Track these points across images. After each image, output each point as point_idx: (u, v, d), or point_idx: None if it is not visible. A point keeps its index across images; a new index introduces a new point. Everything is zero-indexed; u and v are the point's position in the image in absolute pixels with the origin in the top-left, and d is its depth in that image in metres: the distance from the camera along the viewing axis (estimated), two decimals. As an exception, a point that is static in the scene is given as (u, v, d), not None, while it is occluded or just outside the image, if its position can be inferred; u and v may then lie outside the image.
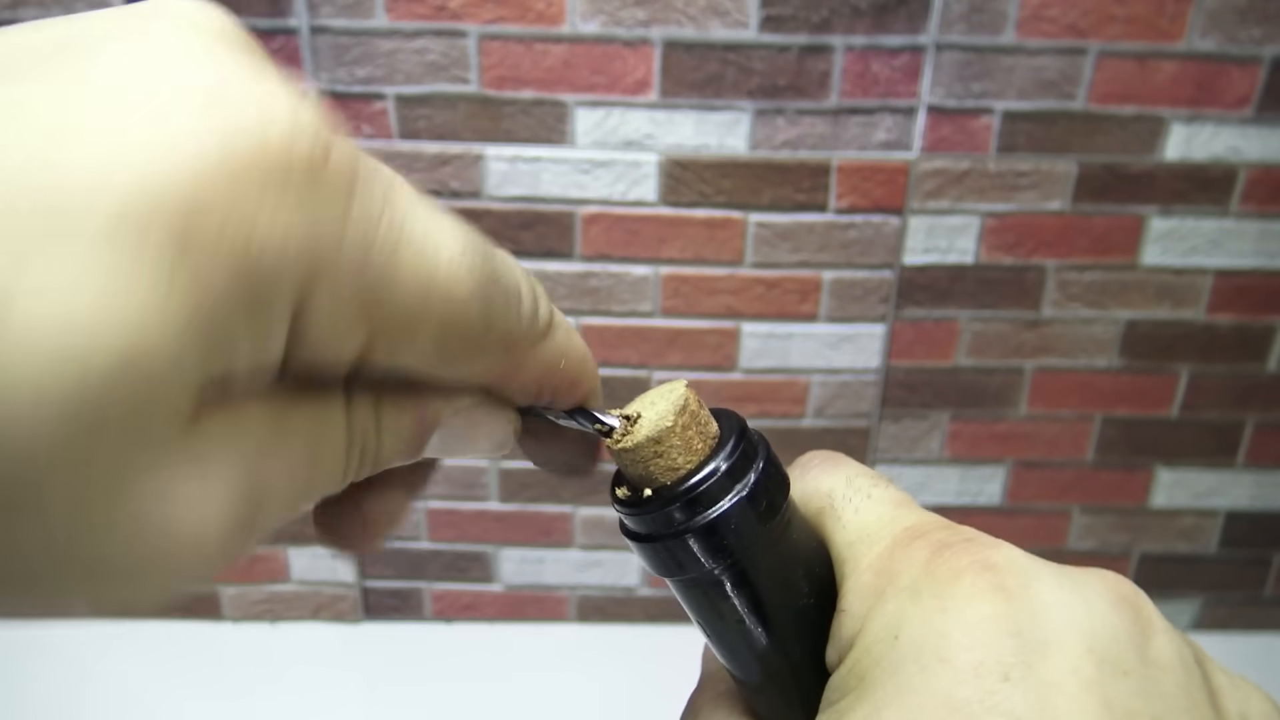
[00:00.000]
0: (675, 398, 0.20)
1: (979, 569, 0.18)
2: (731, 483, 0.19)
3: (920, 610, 0.17)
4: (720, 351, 0.71)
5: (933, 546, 0.19)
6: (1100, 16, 0.62)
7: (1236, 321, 0.71)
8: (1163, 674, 0.17)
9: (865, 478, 0.22)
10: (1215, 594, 0.81)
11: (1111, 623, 0.17)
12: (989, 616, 0.17)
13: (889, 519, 0.21)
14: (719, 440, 0.20)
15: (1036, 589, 0.17)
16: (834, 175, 0.66)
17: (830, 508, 0.21)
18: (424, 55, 0.63)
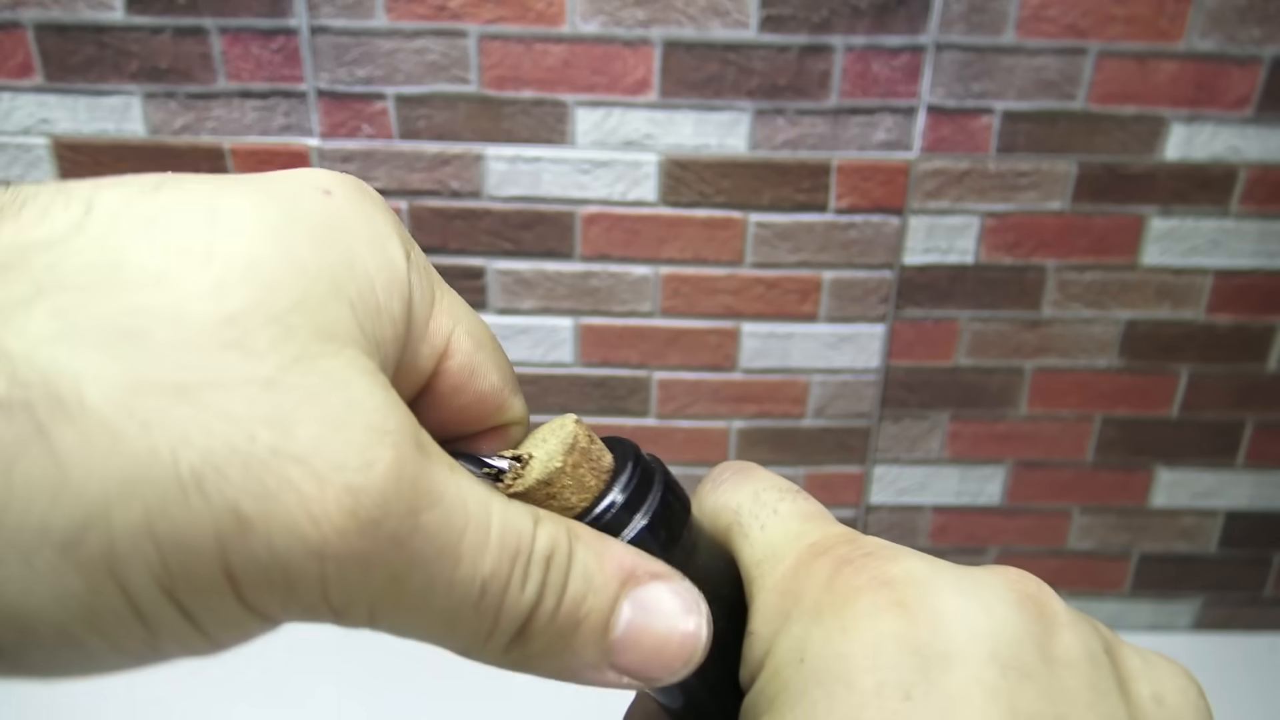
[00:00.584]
0: (564, 435, 0.19)
1: (877, 585, 0.18)
2: (629, 515, 0.19)
3: (823, 631, 0.17)
4: (720, 351, 0.71)
5: (833, 564, 0.19)
6: (1100, 16, 0.62)
7: (1236, 321, 0.71)
8: (1067, 671, 0.17)
9: (773, 491, 0.21)
10: (1215, 594, 0.81)
11: (1014, 624, 0.17)
12: (888, 635, 0.17)
13: (794, 535, 0.20)
14: (613, 473, 0.20)
15: (935, 601, 0.17)
16: (834, 175, 0.66)
17: (738, 524, 0.21)
18: (424, 55, 0.63)
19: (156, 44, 0.62)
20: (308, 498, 0.13)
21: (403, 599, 0.15)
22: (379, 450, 0.14)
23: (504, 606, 0.16)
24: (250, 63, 0.62)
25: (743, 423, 0.74)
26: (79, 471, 0.12)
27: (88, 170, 0.65)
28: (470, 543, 0.15)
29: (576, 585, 0.17)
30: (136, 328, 0.13)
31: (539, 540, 0.16)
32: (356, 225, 0.16)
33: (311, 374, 0.14)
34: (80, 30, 0.61)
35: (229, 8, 0.61)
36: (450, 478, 0.15)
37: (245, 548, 0.13)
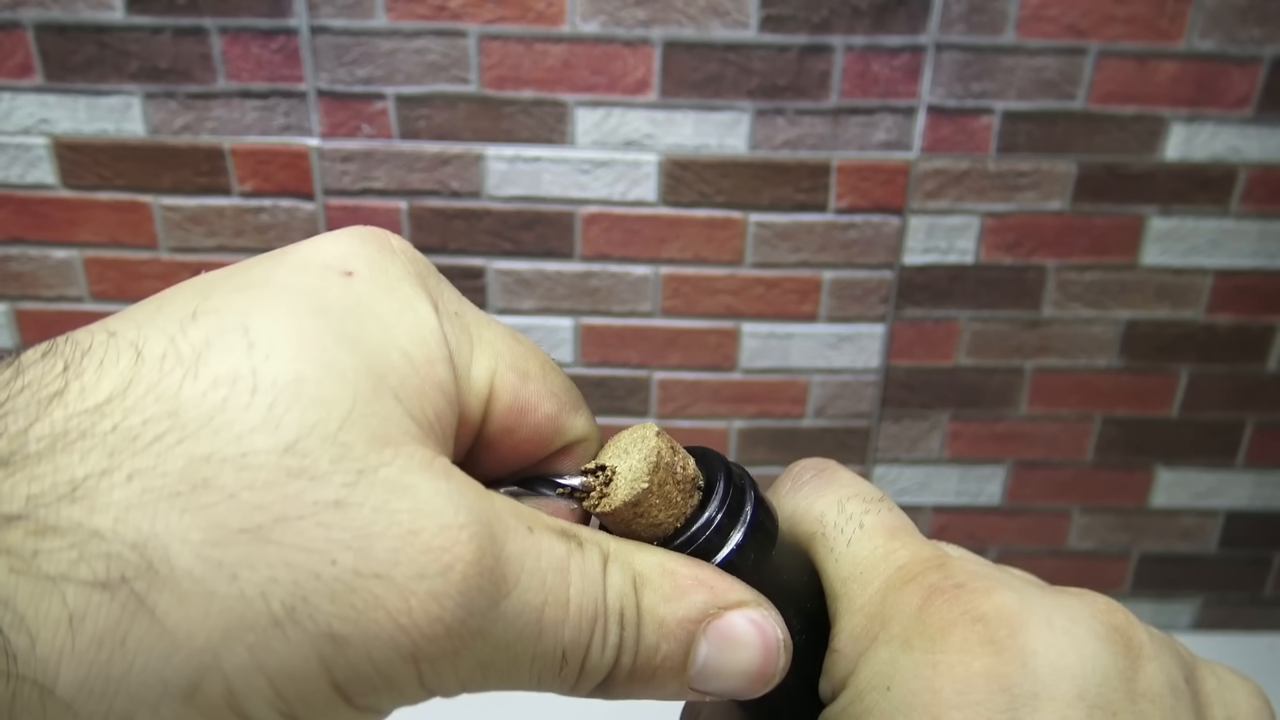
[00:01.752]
0: (647, 451, 0.19)
1: (969, 621, 0.18)
2: (723, 536, 0.19)
3: (912, 662, 0.18)
4: (720, 351, 0.71)
5: (924, 593, 0.19)
6: (1100, 16, 0.62)
7: (1236, 321, 0.71)
8: (1150, 705, 0.17)
9: (857, 501, 0.22)
10: (1215, 594, 0.81)
11: (1102, 661, 0.17)
12: (979, 673, 0.17)
13: (881, 555, 0.20)
14: (704, 488, 0.20)
15: (1025, 638, 0.18)
16: (834, 175, 0.66)
17: (822, 535, 0.21)
18: (424, 55, 0.63)
19: (156, 44, 0.62)
20: (395, 611, 0.14)
21: (490, 676, 0.16)
22: (456, 551, 0.15)
23: (586, 667, 0.17)
24: (250, 63, 0.62)
25: (743, 423, 0.74)
26: (183, 630, 0.13)
27: (88, 170, 0.65)
28: (550, 618, 0.16)
29: (649, 638, 0.17)
30: (206, 478, 0.13)
31: (610, 600, 0.17)
32: (382, 303, 0.16)
33: (376, 487, 0.14)
34: (80, 30, 0.61)
35: (229, 8, 0.61)
36: (527, 547, 0.16)
37: (347, 664, 0.14)
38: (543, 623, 0.16)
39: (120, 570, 0.13)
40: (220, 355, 0.14)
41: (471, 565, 0.15)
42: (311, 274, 0.16)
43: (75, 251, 0.68)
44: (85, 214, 0.66)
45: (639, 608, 0.17)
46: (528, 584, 0.15)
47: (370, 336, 0.16)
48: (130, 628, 0.13)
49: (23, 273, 0.68)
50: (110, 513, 0.13)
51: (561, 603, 0.16)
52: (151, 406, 0.14)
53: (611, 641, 0.17)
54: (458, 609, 0.14)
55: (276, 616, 0.13)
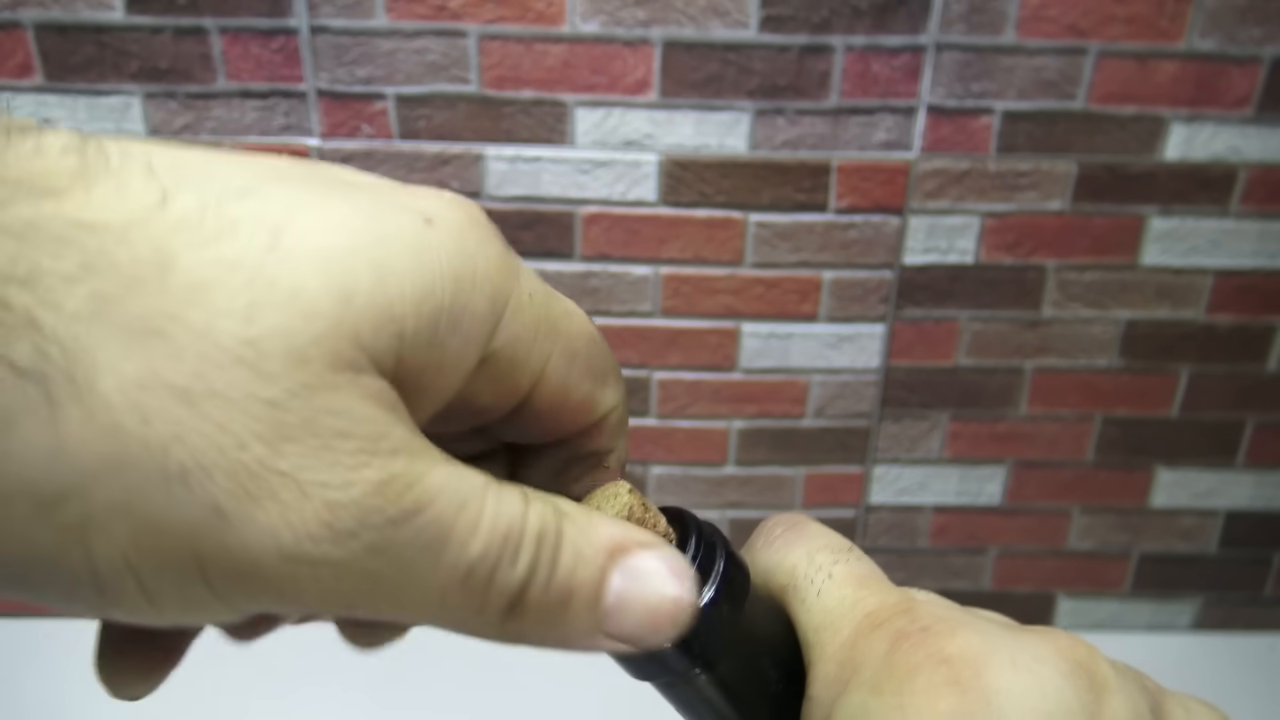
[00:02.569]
0: (619, 508, 0.20)
1: (935, 664, 0.18)
2: (700, 584, 0.20)
3: (881, 706, 0.18)
4: (720, 351, 0.71)
5: (891, 638, 0.19)
6: (1100, 16, 0.62)
7: (1236, 321, 0.71)
8: None
9: (826, 553, 0.22)
10: (1215, 594, 0.81)
11: (1066, 696, 0.18)
12: (944, 713, 0.18)
13: (850, 603, 0.21)
14: (678, 547, 0.20)
15: (989, 678, 0.18)
16: (834, 175, 0.66)
17: (794, 586, 0.22)
18: (424, 55, 0.63)
19: (156, 44, 0.62)
20: (286, 505, 0.14)
21: (380, 597, 0.16)
22: (362, 473, 0.15)
23: (494, 584, 0.17)
24: (250, 63, 0.62)
25: (743, 423, 0.74)
26: (74, 445, 0.13)
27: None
28: (460, 533, 0.16)
29: (567, 560, 0.17)
30: (163, 330, 0.14)
31: (529, 521, 0.17)
32: (445, 260, 0.16)
33: (314, 402, 0.14)
34: (80, 30, 0.61)
35: (229, 8, 0.61)
36: (449, 474, 0.16)
37: (219, 540, 0.14)
38: (450, 538, 0.16)
39: (43, 366, 0.13)
40: (240, 242, 0.14)
41: (373, 485, 0.15)
42: (389, 202, 0.16)
43: (75, 251, 0.67)
44: (85, 214, 0.66)
45: (559, 531, 0.17)
46: (443, 505, 0.16)
47: (405, 281, 0.16)
48: (27, 418, 0.13)
49: (23, 273, 0.68)
50: (57, 314, 0.13)
51: (473, 518, 0.16)
52: (146, 251, 0.14)
53: (525, 559, 0.17)
54: (351, 521, 0.15)
55: (168, 471, 0.13)
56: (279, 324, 0.14)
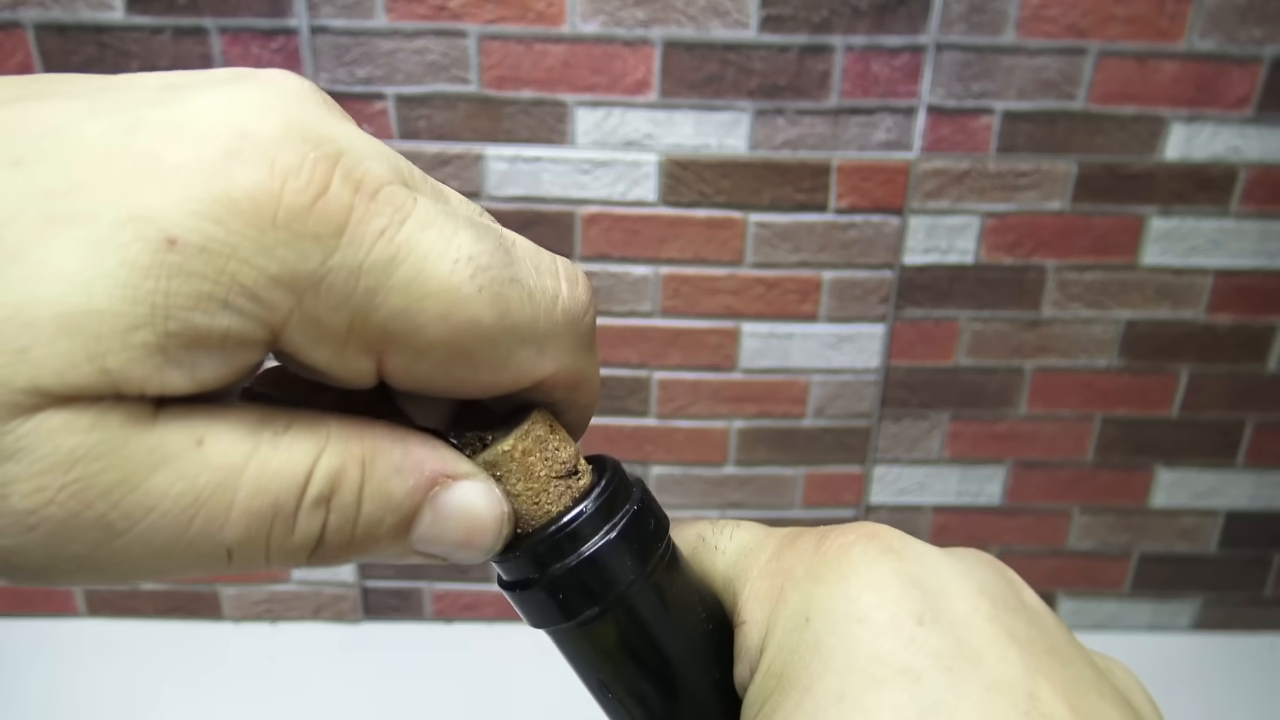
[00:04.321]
0: (522, 422, 0.19)
1: (866, 538, 0.19)
2: (599, 524, 0.19)
3: (823, 588, 0.19)
4: (720, 351, 0.71)
5: (817, 536, 0.20)
6: (1100, 16, 0.62)
7: (1236, 321, 0.71)
8: (1042, 615, 0.19)
9: (726, 520, 0.23)
10: (1215, 594, 0.81)
11: (989, 575, 0.19)
12: (888, 573, 0.18)
13: (764, 533, 0.22)
14: (590, 479, 0.20)
15: (918, 549, 0.19)
16: (834, 175, 0.66)
17: (702, 544, 0.22)
18: (424, 55, 0.63)
19: (156, 44, 0.62)
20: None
21: (121, 569, 0.16)
22: (38, 514, 0.14)
23: (270, 552, 0.16)
24: (250, 63, 0.62)
25: (743, 423, 0.74)
26: None
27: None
28: (203, 524, 0.16)
29: (371, 510, 0.17)
30: None
31: (315, 482, 0.16)
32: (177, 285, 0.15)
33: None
34: (80, 30, 0.61)
35: (229, 8, 0.61)
36: (176, 472, 0.15)
37: None
38: (189, 534, 0.15)
39: None
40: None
41: (57, 522, 0.14)
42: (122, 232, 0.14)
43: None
44: (85, 214, 0.66)
45: (363, 484, 0.17)
46: (166, 508, 0.15)
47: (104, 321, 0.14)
48: None
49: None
50: None
51: (221, 509, 0.16)
52: None
53: (308, 526, 0.16)
54: (43, 555, 0.15)
55: None
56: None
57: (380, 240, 0.15)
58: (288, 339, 0.15)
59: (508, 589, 0.20)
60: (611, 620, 0.20)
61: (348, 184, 0.15)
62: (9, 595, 0.77)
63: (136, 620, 0.78)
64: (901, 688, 0.16)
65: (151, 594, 0.77)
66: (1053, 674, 0.17)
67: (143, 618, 0.78)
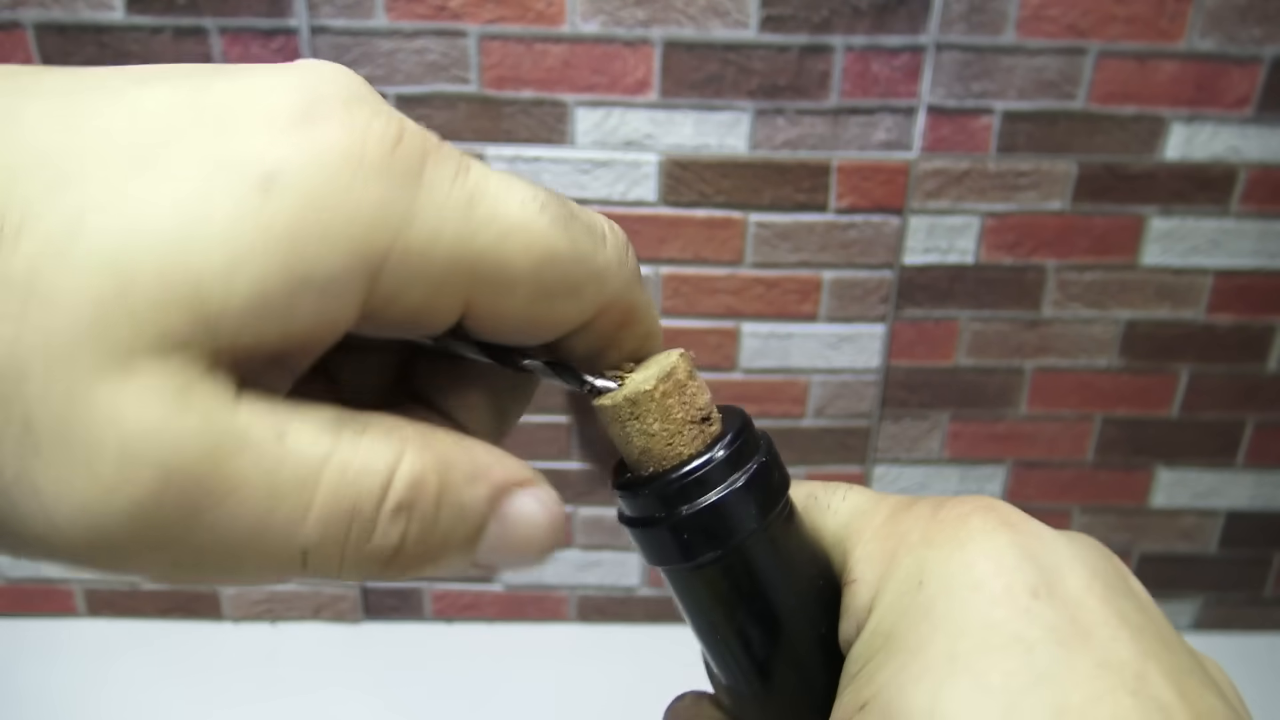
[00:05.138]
0: (664, 364, 0.20)
1: (984, 510, 0.19)
2: (728, 472, 0.20)
3: (939, 554, 0.19)
4: (720, 351, 0.71)
5: (932, 503, 0.20)
6: (1100, 16, 0.62)
7: (1236, 321, 0.71)
8: (1148, 604, 0.19)
9: (838, 483, 0.23)
10: (1215, 594, 0.81)
11: (1101, 559, 0.19)
12: (1005, 544, 0.18)
13: (877, 498, 0.22)
14: (721, 428, 0.20)
15: (1035, 526, 0.19)
16: (834, 175, 0.66)
17: (815, 502, 0.22)
18: (424, 55, 0.63)
19: (156, 44, 0.62)
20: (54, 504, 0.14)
21: (205, 569, 0.15)
22: (127, 485, 0.14)
23: (344, 560, 0.16)
24: (250, 63, 0.62)
25: (743, 423, 0.74)
26: None
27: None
28: (280, 522, 0.15)
29: (448, 519, 0.17)
30: None
31: (395, 489, 0.16)
32: (281, 222, 0.15)
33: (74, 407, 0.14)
34: (80, 30, 0.61)
35: (229, 8, 0.61)
36: (254, 465, 0.15)
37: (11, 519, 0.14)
38: (267, 529, 0.15)
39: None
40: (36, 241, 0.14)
41: (144, 492, 0.14)
42: (222, 173, 0.15)
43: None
44: (85, 214, 0.66)
45: (441, 488, 0.17)
46: (249, 495, 0.15)
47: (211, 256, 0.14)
48: None
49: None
50: None
51: (299, 507, 0.15)
52: None
53: (390, 533, 0.16)
54: (126, 531, 0.14)
55: None
56: (39, 330, 0.14)
57: (455, 182, 0.16)
58: (385, 281, 0.15)
59: (630, 524, 0.21)
60: (728, 566, 0.20)
61: (416, 136, 0.16)
62: (9, 595, 0.77)
63: (136, 620, 0.78)
64: (1014, 655, 0.17)
65: (152, 594, 0.77)
66: (1161, 658, 0.17)
67: (143, 618, 0.78)
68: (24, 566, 0.76)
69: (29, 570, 0.76)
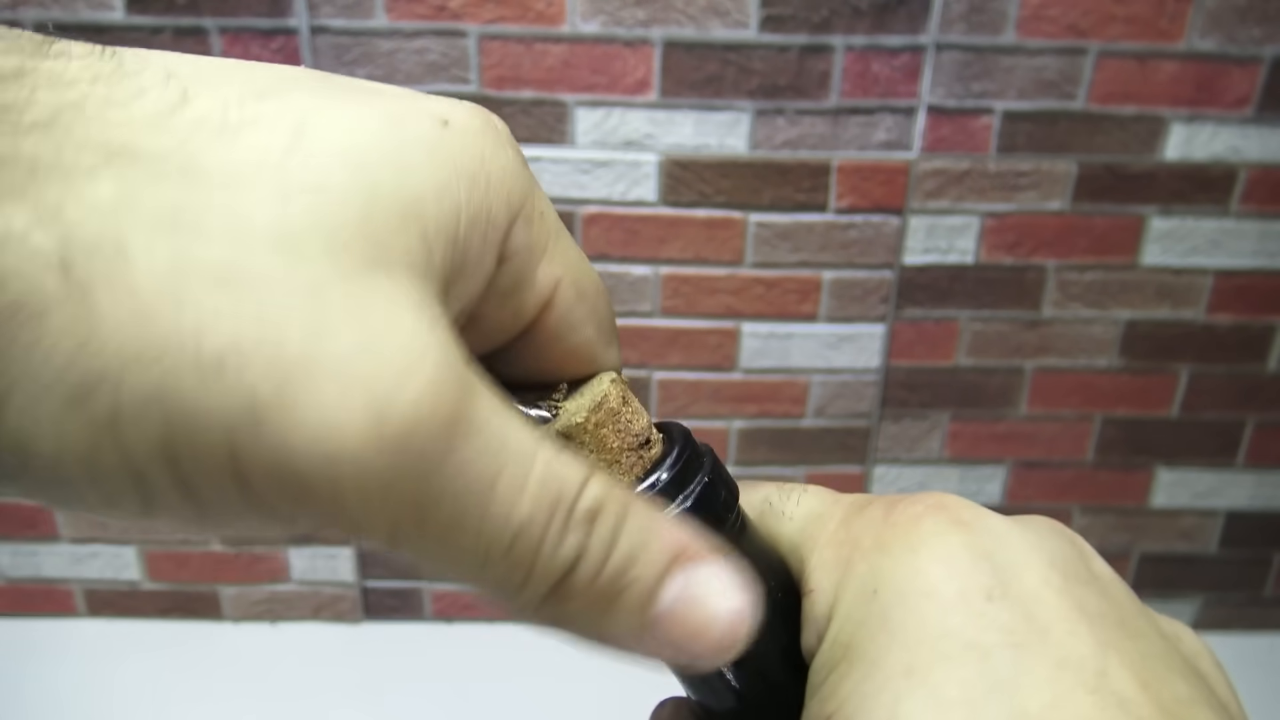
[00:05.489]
0: (595, 392, 0.19)
1: (935, 510, 0.19)
2: (674, 494, 0.19)
3: (892, 560, 0.18)
4: (720, 351, 0.71)
5: (885, 505, 0.20)
6: (1100, 16, 0.62)
7: (1236, 321, 0.71)
8: (1112, 586, 0.19)
9: (793, 484, 0.23)
10: (1215, 594, 0.81)
11: (1060, 545, 0.19)
12: (958, 545, 0.18)
13: (831, 500, 0.21)
14: (662, 449, 0.20)
15: (989, 521, 0.19)
16: (834, 175, 0.66)
17: (770, 508, 0.22)
18: (424, 55, 0.63)
19: (156, 44, 0.62)
20: (330, 403, 0.13)
21: (427, 530, 0.15)
22: (417, 370, 0.14)
23: (539, 558, 0.15)
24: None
25: (743, 423, 0.74)
26: (104, 333, 0.12)
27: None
28: (507, 483, 0.15)
29: (623, 552, 0.16)
30: (194, 219, 0.13)
31: (585, 495, 0.16)
32: (461, 161, 0.16)
33: (357, 290, 0.14)
34: (80, 30, 0.61)
35: (229, 8, 0.61)
36: (494, 413, 0.15)
37: (255, 438, 0.13)
38: (498, 486, 0.15)
39: (72, 255, 0.12)
40: (263, 134, 0.14)
41: (428, 388, 0.14)
42: (406, 105, 0.16)
43: (75, 251, 0.68)
44: (85, 214, 0.66)
45: (620, 517, 0.16)
46: (489, 441, 0.15)
47: (426, 180, 0.15)
48: (59, 306, 0.12)
49: (23, 273, 0.68)
50: (84, 205, 0.13)
51: (523, 472, 0.15)
52: (170, 145, 0.13)
53: (576, 535, 0.16)
54: (401, 426, 0.13)
55: (202, 359, 0.13)
56: (313, 213, 0.14)
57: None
58: (515, 238, 0.17)
59: None
60: None
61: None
62: (9, 595, 0.77)
63: (136, 620, 0.78)
64: (969, 663, 0.16)
65: (152, 594, 0.77)
66: (1122, 648, 0.17)
67: (143, 618, 0.78)
68: (24, 566, 0.76)
69: (29, 570, 0.76)
